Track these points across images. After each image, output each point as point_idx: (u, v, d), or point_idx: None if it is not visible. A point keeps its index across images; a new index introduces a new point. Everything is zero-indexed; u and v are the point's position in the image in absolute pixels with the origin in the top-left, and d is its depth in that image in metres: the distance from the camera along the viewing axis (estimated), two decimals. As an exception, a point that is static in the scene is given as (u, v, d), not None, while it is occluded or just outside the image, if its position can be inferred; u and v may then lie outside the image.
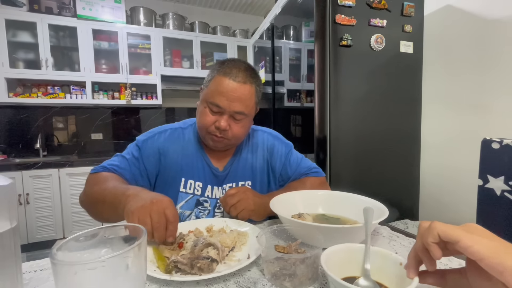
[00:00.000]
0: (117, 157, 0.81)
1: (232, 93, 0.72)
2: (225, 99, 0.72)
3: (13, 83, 2.49)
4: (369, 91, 1.41)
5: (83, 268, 0.28)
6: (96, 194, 0.68)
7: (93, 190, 0.70)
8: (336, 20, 1.31)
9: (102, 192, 0.67)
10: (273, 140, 0.91)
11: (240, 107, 0.73)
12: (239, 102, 0.73)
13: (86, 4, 2.58)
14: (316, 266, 0.42)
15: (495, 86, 1.25)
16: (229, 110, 0.73)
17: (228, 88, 0.72)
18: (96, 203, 0.69)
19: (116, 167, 0.77)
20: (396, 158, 1.50)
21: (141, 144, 0.81)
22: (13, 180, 0.39)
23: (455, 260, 0.48)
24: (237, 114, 0.74)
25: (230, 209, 0.68)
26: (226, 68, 0.74)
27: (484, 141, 0.85)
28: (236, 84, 0.72)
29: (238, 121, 0.76)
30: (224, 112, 0.73)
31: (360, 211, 0.66)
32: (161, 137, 0.83)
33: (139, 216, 0.51)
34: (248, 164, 0.86)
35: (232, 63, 0.76)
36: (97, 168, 0.78)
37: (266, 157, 0.89)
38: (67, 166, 2.32)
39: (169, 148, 0.81)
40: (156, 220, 0.51)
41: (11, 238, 0.34)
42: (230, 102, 0.72)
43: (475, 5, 1.31)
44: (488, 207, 0.83)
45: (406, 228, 1.33)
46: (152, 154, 0.80)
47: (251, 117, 0.80)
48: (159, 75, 2.83)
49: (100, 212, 0.70)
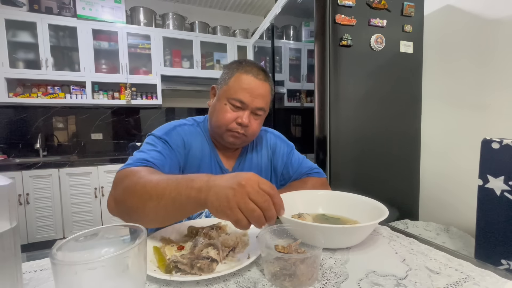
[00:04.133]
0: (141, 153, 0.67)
1: (256, 90, 0.75)
2: (249, 95, 0.74)
3: (13, 83, 2.49)
4: (369, 91, 1.41)
5: (83, 268, 0.28)
6: (145, 182, 0.53)
7: (139, 180, 0.54)
8: (336, 20, 1.31)
9: (153, 178, 0.53)
10: (276, 139, 0.92)
11: (261, 103, 0.76)
12: (261, 98, 0.76)
13: (86, 4, 2.58)
14: (316, 266, 0.42)
15: (495, 86, 1.25)
16: (252, 105, 0.75)
17: (251, 84, 0.74)
18: (146, 190, 0.52)
19: (151, 160, 0.64)
20: (396, 158, 1.50)
21: (165, 136, 0.74)
22: (13, 180, 0.39)
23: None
24: (258, 110, 0.77)
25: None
26: (247, 67, 0.77)
27: (484, 141, 0.85)
28: (258, 82, 0.75)
29: (258, 117, 0.78)
30: (246, 108, 0.75)
31: (360, 211, 0.66)
32: (182, 131, 0.79)
33: (240, 205, 0.42)
34: (254, 163, 0.87)
35: (251, 63, 0.79)
36: (129, 163, 0.63)
37: (269, 156, 0.90)
38: (67, 166, 2.32)
39: (192, 143, 0.79)
40: (261, 201, 0.43)
41: (11, 238, 0.34)
42: (253, 98, 0.74)
43: (475, 5, 1.31)
44: (488, 207, 0.83)
45: (406, 228, 1.33)
46: (180, 146, 0.76)
47: (266, 114, 0.82)
48: (159, 75, 2.83)
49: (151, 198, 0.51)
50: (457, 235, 1.24)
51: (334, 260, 0.50)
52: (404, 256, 0.51)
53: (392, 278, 0.43)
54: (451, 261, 0.49)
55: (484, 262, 0.48)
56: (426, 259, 0.49)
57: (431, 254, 0.51)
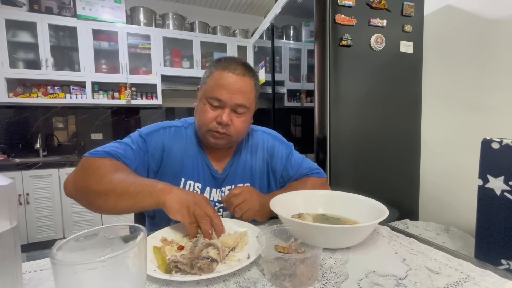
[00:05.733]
0: (119, 144, 0.72)
1: (233, 86, 0.71)
2: (226, 92, 0.70)
3: (13, 83, 2.49)
4: (369, 91, 1.41)
5: (83, 268, 0.28)
6: (106, 184, 0.59)
7: (99, 179, 0.60)
8: (336, 20, 1.31)
9: (117, 181, 0.59)
10: (273, 141, 0.89)
11: (241, 99, 0.72)
12: (240, 94, 0.72)
13: (86, 4, 2.58)
14: (316, 266, 0.42)
15: (495, 86, 1.24)
16: (230, 103, 0.71)
17: (228, 80, 0.71)
18: (105, 193, 0.59)
19: (121, 156, 0.68)
20: (396, 158, 1.50)
21: (145, 136, 0.76)
22: (13, 180, 0.39)
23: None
24: (238, 107, 0.73)
25: (235, 209, 0.66)
26: (224, 63, 0.73)
27: (484, 141, 0.85)
28: (236, 77, 0.71)
29: (240, 115, 0.74)
30: (225, 106, 0.72)
31: (360, 211, 0.66)
32: (166, 133, 0.79)
33: (195, 211, 0.55)
34: (247, 166, 0.85)
35: (230, 59, 0.75)
36: (98, 151, 0.67)
37: (266, 158, 0.87)
38: (67, 166, 2.32)
39: (173, 146, 0.78)
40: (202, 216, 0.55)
41: (11, 238, 0.34)
42: (231, 95, 0.71)
43: (475, 5, 1.31)
44: (488, 207, 0.83)
45: (406, 228, 1.33)
46: (157, 149, 0.76)
47: (252, 112, 0.79)
48: (159, 75, 2.83)
49: (109, 203, 0.59)
50: (457, 235, 1.24)
51: (334, 260, 0.50)
52: (404, 256, 0.51)
53: (392, 278, 0.43)
54: (451, 261, 0.49)
55: (484, 262, 0.48)
56: (426, 259, 0.49)
57: (431, 254, 0.51)
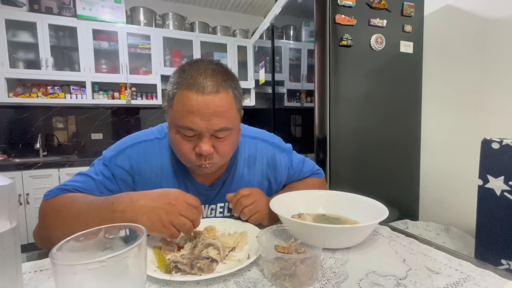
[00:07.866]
0: (80, 176, 0.64)
1: (206, 110, 0.56)
2: (199, 119, 0.56)
3: (13, 83, 2.49)
4: (369, 91, 1.41)
5: (83, 268, 0.28)
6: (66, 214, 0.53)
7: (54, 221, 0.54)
8: (336, 20, 1.31)
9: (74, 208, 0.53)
10: (273, 151, 0.80)
11: (220, 123, 0.58)
12: (217, 118, 0.57)
13: (86, 4, 2.58)
14: (316, 266, 0.42)
15: (495, 86, 1.25)
16: (207, 131, 0.58)
17: (198, 105, 0.56)
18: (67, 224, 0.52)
19: (79, 188, 0.61)
20: (396, 158, 1.50)
21: (108, 162, 0.66)
22: (13, 180, 0.39)
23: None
24: (219, 132, 0.59)
25: (244, 211, 0.62)
26: (189, 78, 0.57)
27: (484, 141, 0.85)
28: (207, 97, 0.56)
29: (223, 139, 0.61)
30: (202, 135, 0.59)
31: (360, 211, 0.66)
32: (134, 153, 0.68)
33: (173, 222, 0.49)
34: (245, 180, 0.76)
35: (195, 69, 0.58)
36: (52, 191, 0.59)
37: (265, 172, 0.79)
38: (67, 166, 2.32)
39: (145, 168, 0.68)
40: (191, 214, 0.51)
41: (11, 238, 0.34)
42: (206, 121, 0.57)
43: (475, 5, 1.31)
44: (488, 207, 0.83)
45: (406, 228, 1.33)
46: (125, 173, 0.67)
47: (237, 128, 0.66)
48: (159, 75, 2.83)
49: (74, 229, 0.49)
50: (457, 235, 1.24)
51: (334, 260, 0.50)
52: (404, 256, 0.51)
53: (392, 278, 0.43)
54: (451, 261, 0.49)
55: (484, 262, 0.48)
56: (426, 259, 0.49)
57: (431, 254, 0.51)
